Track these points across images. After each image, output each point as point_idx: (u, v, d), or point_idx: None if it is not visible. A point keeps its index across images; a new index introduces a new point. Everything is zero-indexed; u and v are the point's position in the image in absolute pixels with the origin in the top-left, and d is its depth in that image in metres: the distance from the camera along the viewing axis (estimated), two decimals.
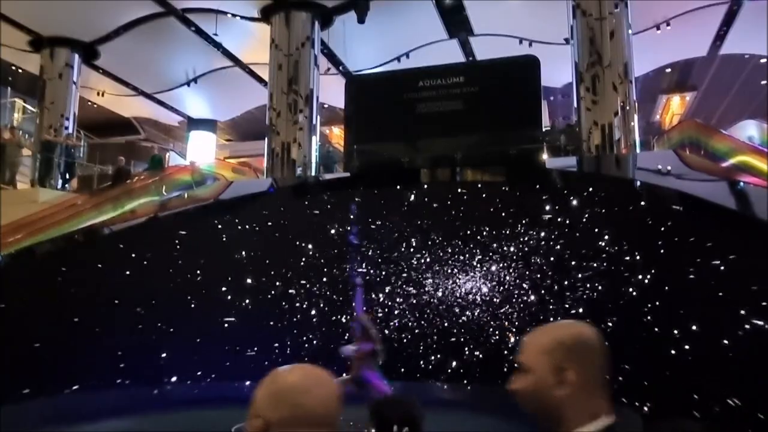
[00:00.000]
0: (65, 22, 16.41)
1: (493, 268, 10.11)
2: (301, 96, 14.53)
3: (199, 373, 9.97)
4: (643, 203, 9.34)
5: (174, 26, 17.25)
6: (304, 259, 11.02)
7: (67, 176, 16.23)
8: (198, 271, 10.67)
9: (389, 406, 2.01)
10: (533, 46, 16.44)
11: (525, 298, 9.74)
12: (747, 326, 6.93)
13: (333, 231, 11.02)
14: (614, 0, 12.50)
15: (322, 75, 15.93)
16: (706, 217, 8.27)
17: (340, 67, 19.43)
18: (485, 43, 17.55)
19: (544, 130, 14.43)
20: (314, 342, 10.42)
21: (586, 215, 9.59)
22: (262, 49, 15.88)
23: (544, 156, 12.52)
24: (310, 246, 11.06)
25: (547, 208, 9.99)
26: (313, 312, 10.66)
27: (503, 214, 10.36)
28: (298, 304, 10.70)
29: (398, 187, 11.54)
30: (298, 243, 11.10)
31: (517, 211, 10.22)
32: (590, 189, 10.00)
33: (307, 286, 10.78)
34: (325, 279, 10.76)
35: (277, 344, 10.37)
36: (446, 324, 10.05)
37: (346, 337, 8.66)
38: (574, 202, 9.91)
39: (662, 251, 8.46)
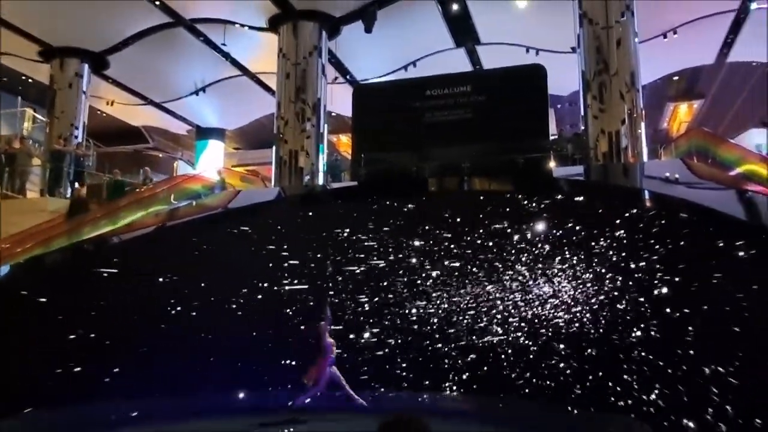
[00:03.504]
0: (75, 32, 16.58)
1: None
2: (309, 105, 14.62)
3: (198, 383, 9.96)
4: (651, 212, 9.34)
5: (183, 36, 17.40)
6: None
7: (77, 185, 16.33)
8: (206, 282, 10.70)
9: (397, 423, 2.02)
10: (540, 54, 16.47)
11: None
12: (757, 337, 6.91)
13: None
14: (621, 8, 12.53)
15: (329, 84, 16.02)
16: (714, 226, 8.24)
17: (348, 76, 19.51)
18: (492, 51, 17.59)
19: (551, 138, 14.43)
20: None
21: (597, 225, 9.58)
22: (270, 59, 16.00)
23: (552, 164, 12.52)
24: None
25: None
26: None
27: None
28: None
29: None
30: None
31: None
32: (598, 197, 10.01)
33: None
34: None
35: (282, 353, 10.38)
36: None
37: None
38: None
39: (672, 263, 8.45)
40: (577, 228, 9.78)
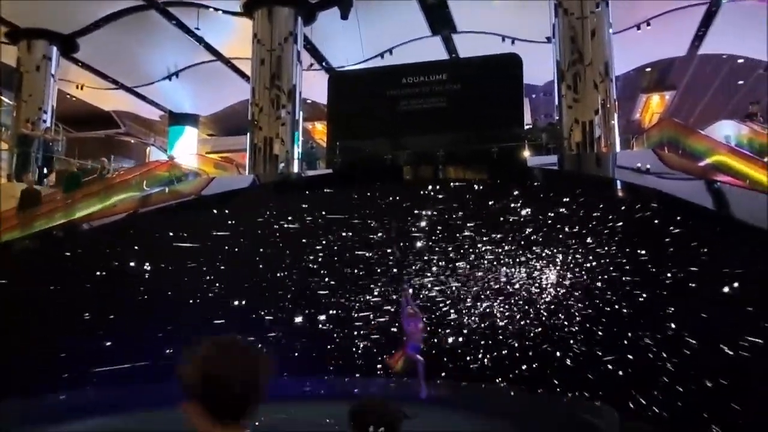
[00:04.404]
0: (43, 13, 16.13)
1: None
2: (284, 91, 14.45)
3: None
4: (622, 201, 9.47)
5: (155, 19, 17.05)
6: None
7: (45, 171, 15.98)
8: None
9: (366, 407, 2.03)
10: (516, 44, 16.52)
11: None
12: (722, 323, 7.06)
13: None
14: None
15: (304, 71, 15.87)
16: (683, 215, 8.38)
17: (323, 63, 19.36)
18: (468, 40, 17.58)
19: (525, 127, 14.53)
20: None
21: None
22: (244, 44, 15.77)
23: (526, 153, 12.60)
24: None
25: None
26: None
27: None
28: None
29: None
30: None
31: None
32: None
33: None
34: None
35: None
36: None
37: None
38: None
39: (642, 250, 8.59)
40: (550, 216, 9.89)
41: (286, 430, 8.26)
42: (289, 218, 11.25)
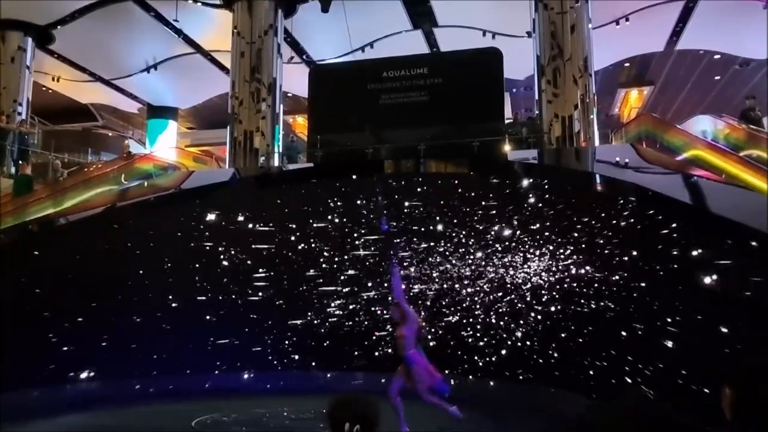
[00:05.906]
0: (18, 4, 15.81)
1: None
2: (264, 84, 14.34)
3: (161, 365, 9.84)
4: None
5: (132, 11, 16.81)
6: None
7: (21, 164, 15.70)
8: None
9: (343, 404, 2.02)
10: (496, 38, 16.54)
11: None
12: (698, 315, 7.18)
13: None
14: None
15: (285, 64, 15.75)
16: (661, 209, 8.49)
17: (304, 56, 19.24)
18: (449, 34, 17.58)
19: (506, 122, 14.60)
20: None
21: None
22: (224, 37, 15.61)
23: (506, 148, 12.66)
24: None
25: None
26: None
27: None
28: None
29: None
30: None
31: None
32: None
33: None
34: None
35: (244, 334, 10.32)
36: None
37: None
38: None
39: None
40: (531, 209, 9.95)
41: (267, 425, 8.26)
42: (271, 211, 11.19)
